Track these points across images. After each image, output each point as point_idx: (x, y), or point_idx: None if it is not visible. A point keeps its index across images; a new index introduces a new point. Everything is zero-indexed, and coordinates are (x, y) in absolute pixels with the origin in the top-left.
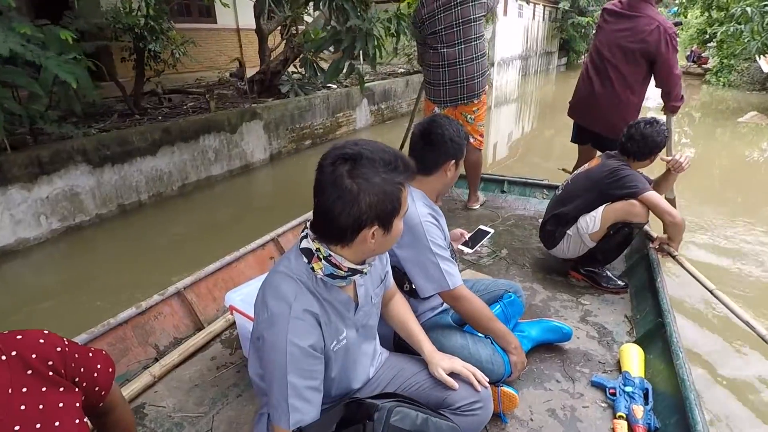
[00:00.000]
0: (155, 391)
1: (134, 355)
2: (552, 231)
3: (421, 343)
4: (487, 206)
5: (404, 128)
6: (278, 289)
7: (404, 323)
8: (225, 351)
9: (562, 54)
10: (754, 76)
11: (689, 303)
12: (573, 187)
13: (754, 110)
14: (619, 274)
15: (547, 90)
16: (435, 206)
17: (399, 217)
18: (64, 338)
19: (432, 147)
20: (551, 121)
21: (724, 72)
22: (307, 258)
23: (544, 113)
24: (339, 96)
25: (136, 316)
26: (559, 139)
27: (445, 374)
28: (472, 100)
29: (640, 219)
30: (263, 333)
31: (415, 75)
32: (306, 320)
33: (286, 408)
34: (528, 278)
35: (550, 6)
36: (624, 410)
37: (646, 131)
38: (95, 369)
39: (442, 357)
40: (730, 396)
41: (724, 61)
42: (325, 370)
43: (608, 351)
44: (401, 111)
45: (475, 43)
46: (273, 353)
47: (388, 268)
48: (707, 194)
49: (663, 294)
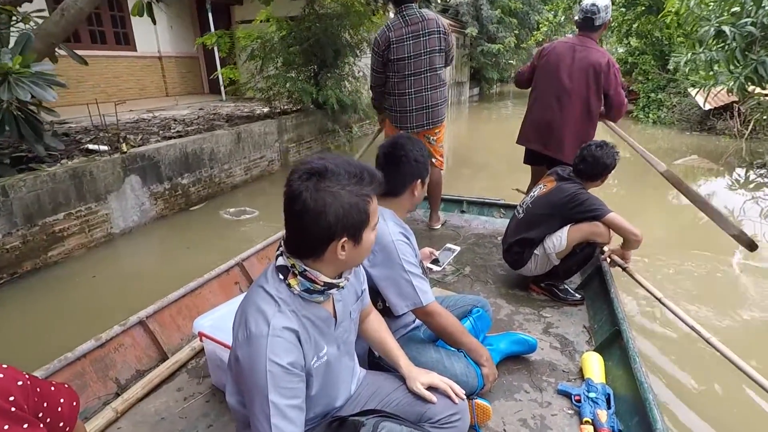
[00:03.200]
0: (118, 428)
1: (93, 390)
2: (520, 253)
3: (398, 359)
4: (448, 226)
5: (236, 220)
6: (256, 307)
7: (381, 340)
8: (192, 381)
9: (473, 84)
10: (686, 113)
11: (641, 311)
12: (535, 210)
13: (693, 153)
14: (576, 286)
15: (460, 127)
16: (405, 225)
17: (369, 229)
18: (24, 372)
19: (398, 168)
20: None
21: (652, 108)
22: (282, 275)
23: (459, 156)
24: (61, 178)
25: (94, 349)
26: (479, 183)
27: (423, 388)
28: (436, 125)
29: (603, 239)
30: (243, 353)
31: (273, 120)
32: (285, 337)
33: (269, 428)
34: (492, 294)
35: (457, 32)
36: (589, 415)
37: (597, 153)
38: (59, 403)
39: (420, 372)
40: (684, 394)
41: (651, 96)
42: (306, 387)
43: (571, 360)
44: (230, 182)
45: (438, 72)
46: (253, 372)
47: (365, 285)
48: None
49: (617, 304)
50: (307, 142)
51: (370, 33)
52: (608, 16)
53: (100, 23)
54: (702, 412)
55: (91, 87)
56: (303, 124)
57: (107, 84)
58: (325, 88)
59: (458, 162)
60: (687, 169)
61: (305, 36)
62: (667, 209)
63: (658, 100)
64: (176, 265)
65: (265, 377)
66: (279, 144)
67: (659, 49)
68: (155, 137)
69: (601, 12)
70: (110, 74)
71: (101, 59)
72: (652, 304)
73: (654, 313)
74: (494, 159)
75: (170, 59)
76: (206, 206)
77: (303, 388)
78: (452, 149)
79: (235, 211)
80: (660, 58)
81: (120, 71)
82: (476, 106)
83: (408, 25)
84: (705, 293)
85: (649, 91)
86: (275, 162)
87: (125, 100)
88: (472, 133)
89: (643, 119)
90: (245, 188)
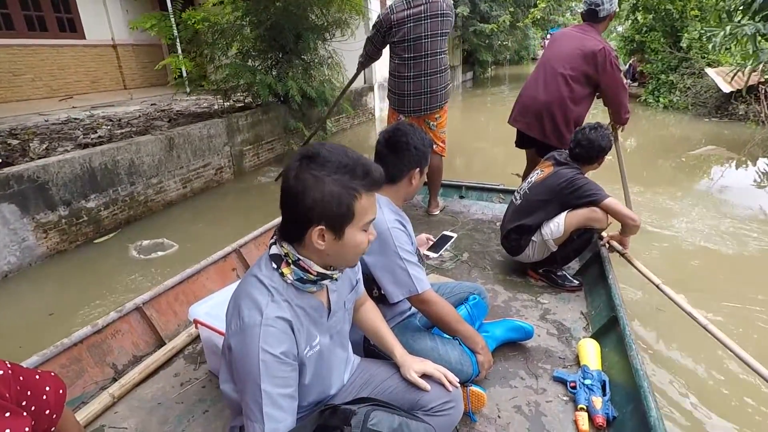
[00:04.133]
0: (115, 412)
1: (90, 375)
2: (517, 240)
3: (392, 347)
4: (447, 211)
5: (144, 259)
6: (249, 296)
7: (376, 329)
8: (188, 367)
9: (466, 68)
10: (702, 97)
11: (638, 297)
12: (532, 196)
13: (710, 142)
14: (574, 272)
15: (453, 115)
16: (401, 212)
17: (353, 227)
18: (6, 361)
19: (396, 155)
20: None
21: (663, 91)
22: (276, 264)
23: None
24: None
25: (91, 335)
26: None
27: (417, 376)
28: (435, 110)
29: (601, 224)
30: (235, 342)
31: (221, 119)
32: (278, 327)
33: (261, 417)
34: (489, 280)
35: None
36: (584, 402)
37: (591, 136)
38: (44, 392)
39: (414, 360)
40: (681, 381)
41: (661, 77)
42: (299, 376)
43: (567, 347)
44: (161, 199)
45: (440, 57)
46: (245, 362)
47: (360, 275)
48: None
49: (615, 290)
50: (268, 143)
51: (347, 14)
52: (613, 7)
53: (38, 7)
54: (699, 399)
55: (30, 81)
56: (262, 122)
57: (51, 77)
58: (285, 78)
59: (450, 152)
60: (702, 161)
61: (263, 18)
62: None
63: (669, 82)
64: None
65: (258, 366)
66: (230, 148)
67: (670, 25)
68: (70, 144)
69: (605, 3)
70: (54, 66)
71: (42, 49)
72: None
73: (652, 299)
74: (489, 149)
75: (127, 48)
76: (120, 235)
77: (295, 377)
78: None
79: (149, 245)
80: (671, 34)
81: (66, 62)
82: (469, 91)
83: (411, 7)
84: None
85: (659, 72)
86: (225, 170)
87: (72, 95)
88: (465, 122)
89: (653, 103)
90: (184, 204)
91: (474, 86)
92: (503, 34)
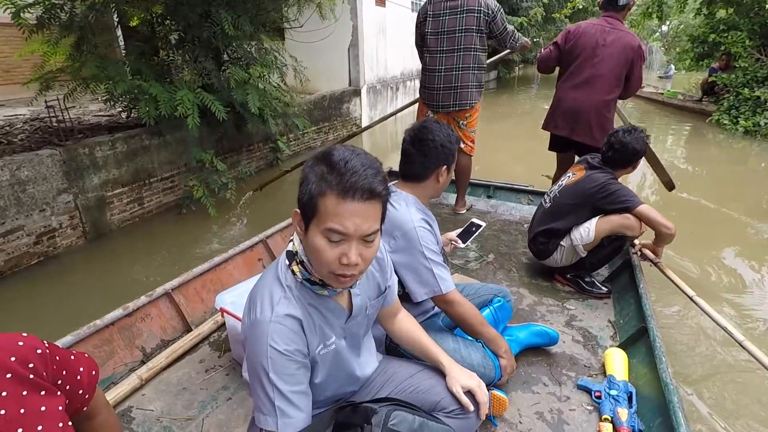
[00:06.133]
0: (142, 395)
1: (120, 357)
2: (545, 243)
3: (438, 356)
4: (474, 211)
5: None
6: (263, 292)
7: (416, 340)
8: (214, 354)
9: (489, 67)
10: None
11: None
12: (562, 200)
13: None
14: (603, 279)
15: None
16: (428, 211)
17: (315, 225)
18: (44, 341)
19: (423, 153)
20: None
21: (744, 110)
22: (289, 261)
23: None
24: None
25: (122, 317)
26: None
27: (462, 393)
28: (464, 108)
29: (634, 232)
30: (248, 336)
31: (48, 151)
32: (287, 325)
33: (273, 410)
34: (515, 283)
35: None
36: (609, 413)
37: (625, 139)
38: (78, 372)
39: (462, 373)
40: (711, 400)
41: (743, 92)
42: (312, 374)
43: (593, 355)
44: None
45: (474, 53)
46: (255, 357)
47: (392, 281)
48: None
49: (645, 299)
50: (163, 180)
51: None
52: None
53: None
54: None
55: None
56: (150, 149)
57: None
58: (181, 86)
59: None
60: None
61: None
62: None
63: (754, 98)
64: None
65: (267, 362)
66: (74, 196)
67: (759, 23)
68: None
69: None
70: None
71: None
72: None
73: (684, 312)
74: (510, 164)
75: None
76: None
77: (306, 374)
78: None
79: None
80: (761, 35)
81: None
82: (492, 93)
83: (448, 0)
84: None
85: (740, 84)
86: (63, 233)
87: None
88: (487, 131)
89: (729, 127)
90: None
91: (498, 87)
92: (534, 29)
